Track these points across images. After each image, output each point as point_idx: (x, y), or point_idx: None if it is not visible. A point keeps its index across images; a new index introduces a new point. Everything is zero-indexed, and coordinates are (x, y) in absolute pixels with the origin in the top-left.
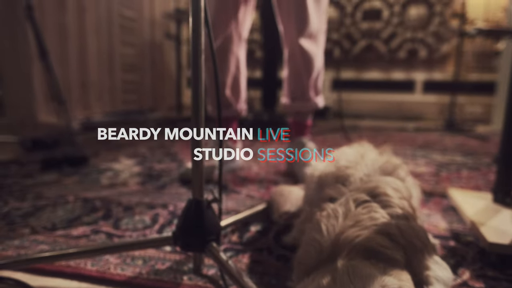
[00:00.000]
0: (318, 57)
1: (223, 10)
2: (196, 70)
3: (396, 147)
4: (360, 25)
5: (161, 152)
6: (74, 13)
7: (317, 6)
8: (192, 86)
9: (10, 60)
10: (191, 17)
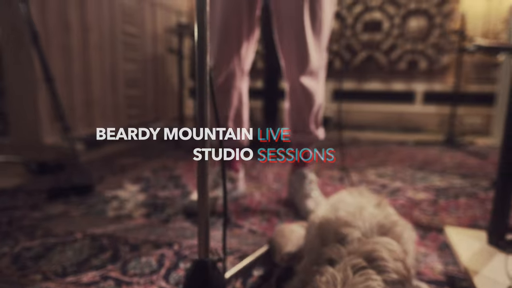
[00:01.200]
0: (319, 93)
1: (226, 47)
2: (201, 82)
3: (395, 166)
4: (361, 37)
5: (164, 175)
6: (78, 33)
7: (317, 43)
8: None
9: (16, 83)
10: (196, 27)
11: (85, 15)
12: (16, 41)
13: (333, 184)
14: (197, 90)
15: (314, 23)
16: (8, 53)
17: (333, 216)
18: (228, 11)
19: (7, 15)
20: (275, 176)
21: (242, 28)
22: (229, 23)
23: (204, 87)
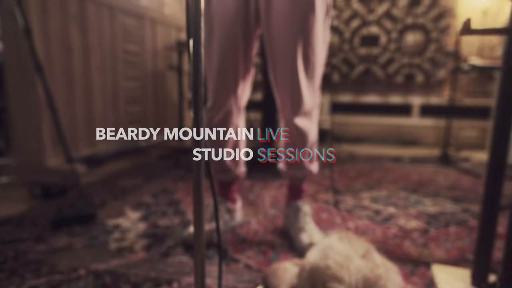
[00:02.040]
0: (312, 131)
1: (223, 89)
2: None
3: (390, 187)
4: (358, 51)
5: (164, 200)
6: (80, 55)
7: (310, 85)
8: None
9: (20, 107)
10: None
11: (86, 37)
12: (20, 69)
13: (328, 210)
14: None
15: (307, 67)
16: (12, 79)
17: (323, 264)
18: (225, 55)
19: (12, 45)
20: (272, 199)
21: (238, 70)
22: (225, 67)
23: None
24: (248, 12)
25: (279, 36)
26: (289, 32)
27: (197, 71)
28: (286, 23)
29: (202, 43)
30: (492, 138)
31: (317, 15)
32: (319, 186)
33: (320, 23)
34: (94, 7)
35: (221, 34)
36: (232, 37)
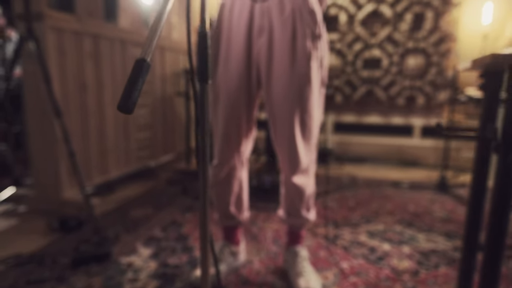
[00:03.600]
0: (309, 185)
1: (228, 150)
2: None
3: (387, 220)
4: (361, 73)
5: (173, 234)
6: (93, 90)
7: (307, 146)
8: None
9: (39, 145)
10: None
11: (100, 72)
12: (40, 111)
13: (326, 247)
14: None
15: (303, 131)
16: (32, 119)
17: None
18: (229, 120)
19: (32, 87)
20: (274, 234)
21: (241, 131)
22: (229, 130)
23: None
24: (250, 80)
25: (278, 103)
26: (288, 100)
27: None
28: (285, 92)
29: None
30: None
31: (313, 85)
32: (319, 218)
33: (316, 92)
34: (108, 43)
35: (225, 101)
36: (235, 104)
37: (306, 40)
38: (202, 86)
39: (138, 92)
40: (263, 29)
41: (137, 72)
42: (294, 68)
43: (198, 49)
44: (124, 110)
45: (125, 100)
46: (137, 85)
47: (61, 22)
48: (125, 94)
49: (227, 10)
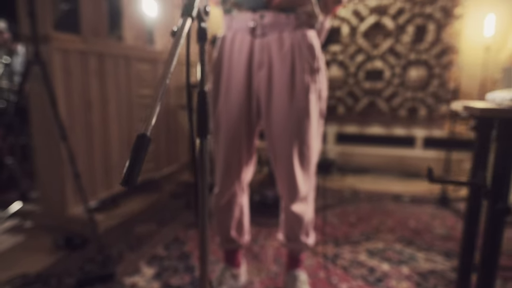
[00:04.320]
0: (308, 212)
1: (228, 178)
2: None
3: (387, 238)
4: (363, 84)
5: (176, 252)
6: (98, 107)
7: (305, 176)
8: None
9: (45, 164)
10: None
11: (104, 90)
12: (46, 131)
13: (325, 267)
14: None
15: (302, 161)
16: (38, 139)
17: None
18: (230, 149)
19: (39, 112)
20: (275, 252)
21: (242, 160)
22: (230, 159)
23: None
24: (250, 111)
25: (277, 134)
26: (287, 132)
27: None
28: (284, 124)
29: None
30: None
31: (312, 117)
32: (320, 236)
33: (314, 124)
34: (112, 60)
35: (226, 131)
36: (236, 133)
37: (305, 74)
38: (202, 141)
39: (140, 165)
40: (262, 63)
41: (138, 148)
42: (293, 101)
43: (197, 107)
44: (128, 185)
45: (128, 175)
46: (139, 160)
47: (67, 43)
48: (128, 170)
49: (228, 43)
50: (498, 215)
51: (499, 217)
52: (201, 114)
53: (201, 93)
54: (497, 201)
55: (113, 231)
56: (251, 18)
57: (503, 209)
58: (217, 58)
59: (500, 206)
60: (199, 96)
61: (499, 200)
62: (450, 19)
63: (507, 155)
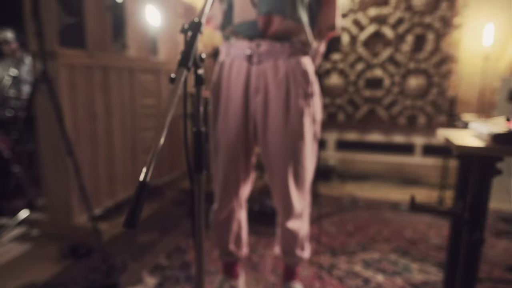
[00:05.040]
0: (303, 227)
1: (227, 194)
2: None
3: (383, 248)
4: (363, 92)
5: (177, 262)
6: (103, 119)
7: (300, 194)
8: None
9: (52, 175)
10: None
11: (109, 101)
12: (52, 144)
13: (321, 277)
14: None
15: (297, 181)
16: (45, 151)
17: None
18: (228, 169)
19: (46, 125)
20: (274, 263)
21: (240, 178)
22: (229, 178)
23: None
24: (247, 133)
25: (273, 155)
26: (282, 153)
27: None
28: (279, 146)
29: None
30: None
31: (306, 139)
32: (318, 245)
33: (309, 145)
34: (116, 73)
35: (225, 151)
36: (234, 154)
37: (299, 99)
38: (198, 176)
39: (140, 210)
40: (259, 89)
41: (139, 194)
42: (288, 125)
43: (194, 145)
44: (130, 227)
45: (130, 218)
46: (139, 205)
47: (73, 59)
48: (130, 213)
49: (226, 68)
50: (473, 244)
51: (475, 246)
52: (198, 152)
53: (197, 133)
54: (474, 231)
55: (117, 239)
56: (248, 46)
57: (478, 239)
58: (216, 82)
59: (476, 236)
60: (196, 136)
61: (476, 230)
62: (449, 29)
63: (483, 188)
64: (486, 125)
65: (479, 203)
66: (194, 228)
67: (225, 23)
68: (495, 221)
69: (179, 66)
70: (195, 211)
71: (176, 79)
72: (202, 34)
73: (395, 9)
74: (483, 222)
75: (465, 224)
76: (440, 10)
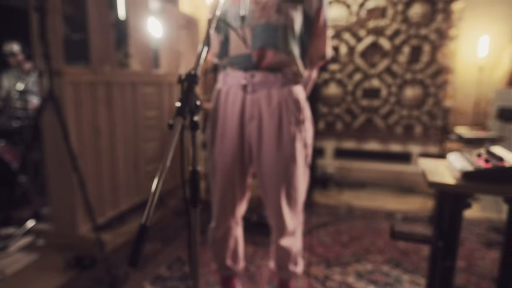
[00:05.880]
0: (296, 244)
1: (224, 213)
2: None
3: (376, 260)
4: (360, 102)
5: (178, 273)
6: (106, 133)
7: (293, 213)
8: None
9: (58, 189)
10: None
11: (112, 115)
12: (58, 159)
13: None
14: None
15: (289, 201)
16: (51, 165)
17: None
18: (225, 189)
19: (52, 141)
20: (270, 273)
21: (236, 198)
22: (225, 198)
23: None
24: (243, 156)
25: (267, 177)
26: (275, 176)
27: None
28: (273, 169)
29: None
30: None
31: (298, 163)
32: (313, 257)
33: (301, 168)
34: (119, 87)
35: (221, 174)
36: (230, 175)
37: (291, 126)
38: (193, 210)
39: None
40: (253, 116)
41: (140, 237)
42: (281, 149)
43: (190, 181)
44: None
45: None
46: (140, 246)
47: (78, 76)
48: (133, 254)
49: (223, 96)
50: (445, 271)
51: (447, 273)
52: (193, 189)
53: (193, 172)
54: (446, 259)
55: (119, 250)
56: (243, 76)
57: (450, 267)
58: (213, 108)
59: (447, 264)
60: (191, 174)
61: (448, 258)
62: (444, 40)
63: (454, 221)
64: (461, 159)
65: (451, 234)
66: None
67: (221, 54)
68: (487, 231)
69: (176, 115)
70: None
71: (174, 127)
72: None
73: (392, 21)
74: (455, 251)
75: (439, 252)
76: (436, 22)
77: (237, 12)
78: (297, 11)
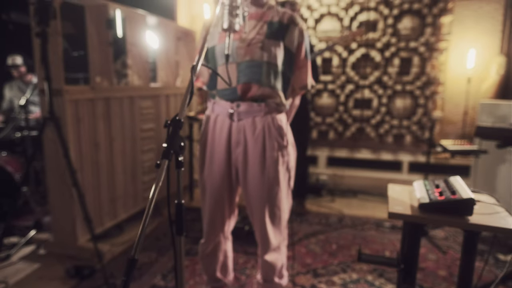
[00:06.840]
0: (281, 259)
1: (213, 230)
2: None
3: (362, 269)
4: (352, 112)
5: (172, 282)
6: (105, 146)
7: (277, 231)
8: None
9: (58, 202)
10: None
11: (110, 130)
12: (59, 174)
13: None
14: None
15: (273, 220)
16: (52, 179)
17: None
18: (214, 208)
19: (52, 156)
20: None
21: (224, 215)
22: (214, 216)
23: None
24: (230, 178)
25: (252, 197)
26: (260, 197)
27: None
28: (257, 191)
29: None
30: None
31: (281, 184)
32: (301, 267)
33: (284, 189)
34: (117, 102)
35: (210, 195)
36: (219, 196)
37: (274, 151)
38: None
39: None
40: (239, 142)
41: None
42: (265, 173)
43: (175, 215)
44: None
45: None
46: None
47: (78, 94)
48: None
49: (211, 123)
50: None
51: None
52: (178, 220)
53: (178, 205)
54: (405, 281)
55: (117, 260)
56: (229, 106)
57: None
58: (202, 134)
59: (407, 286)
60: (177, 207)
61: (407, 280)
62: (433, 53)
63: (413, 247)
64: (422, 189)
65: (410, 258)
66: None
67: (210, 85)
68: None
69: (162, 158)
70: (177, 269)
71: (160, 167)
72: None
73: (382, 34)
74: (413, 274)
75: (400, 274)
76: (425, 35)
77: (223, 49)
78: (280, 48)
